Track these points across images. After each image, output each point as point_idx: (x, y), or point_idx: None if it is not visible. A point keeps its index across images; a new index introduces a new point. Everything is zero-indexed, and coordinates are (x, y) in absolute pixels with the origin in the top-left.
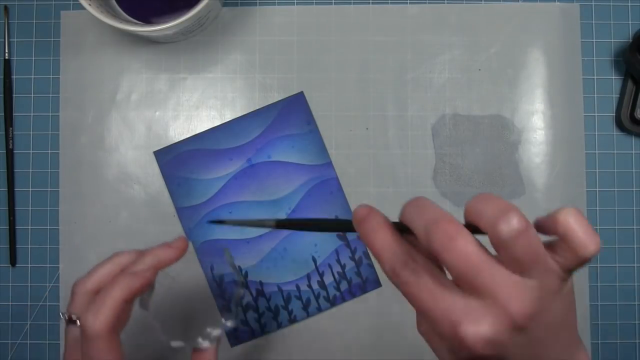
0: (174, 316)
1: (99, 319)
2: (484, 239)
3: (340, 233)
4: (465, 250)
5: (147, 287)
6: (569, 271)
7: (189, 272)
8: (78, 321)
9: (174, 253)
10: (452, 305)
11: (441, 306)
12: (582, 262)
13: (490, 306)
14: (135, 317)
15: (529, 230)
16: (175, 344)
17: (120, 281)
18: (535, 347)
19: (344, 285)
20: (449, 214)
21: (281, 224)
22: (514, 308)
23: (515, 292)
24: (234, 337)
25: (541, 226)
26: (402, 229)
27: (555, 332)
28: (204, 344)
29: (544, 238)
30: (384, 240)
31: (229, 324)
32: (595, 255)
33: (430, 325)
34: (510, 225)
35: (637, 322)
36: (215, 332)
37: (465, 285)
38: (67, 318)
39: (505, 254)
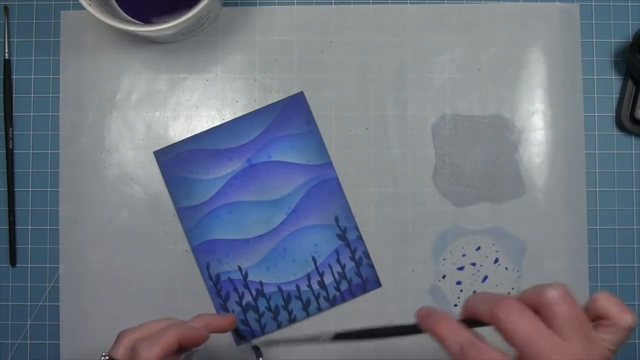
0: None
1: (154, 349)
2: None
3: (340, 232)
4: (524, 319)
5: (199, 343)
6: (613, 344)
7: (185, 271)
8: None
9: (224, 322)
10: None
11: None
12: (622, 333)
13: None
14: None
15: (568, 296)
16: None
17: (176, 326)
18: None
19: (344, 285)
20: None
21: (339, 337)
22: None
23: (566, 354)
24: (236, 336)
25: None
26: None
27: None
28: None
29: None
30: (450, 325)
31: None
32: (633, 325)
33: None
34: (553, 290)
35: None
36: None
37: (525, 356)
38: (107, 358)
39: (552, 320)
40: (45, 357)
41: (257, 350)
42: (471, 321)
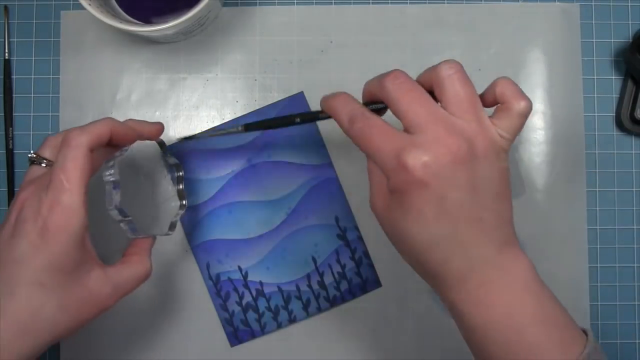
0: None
1: (85, 135)
2: None
3: (340, 232)
4: (412, 88)
5: (128, 141)
6: (506, 131)
7: (184, 271)
8: (44, 162)
9: (151, 127)
10: (399, 141)
11: (389, 143)
12: (516, 117)
13: (431, 141)
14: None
15: (462, 75)
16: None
17: (108, 119)
18: (472, 203)
19: (344, 285)
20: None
21: (249, 127)
22: (452, 145)
23: (453, 129)
24: (234, 337)
25: (484, 100)
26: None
27: (490, 205)
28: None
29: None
30: (343, 98)
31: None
32: (527, 113)
33: (377, 164)
34: (448, 68)
35: (637, 322)
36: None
37: (411, 126)
38: (34, 157)
39: (444, 96)
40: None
41: (162, 145)
42: (371, 103)
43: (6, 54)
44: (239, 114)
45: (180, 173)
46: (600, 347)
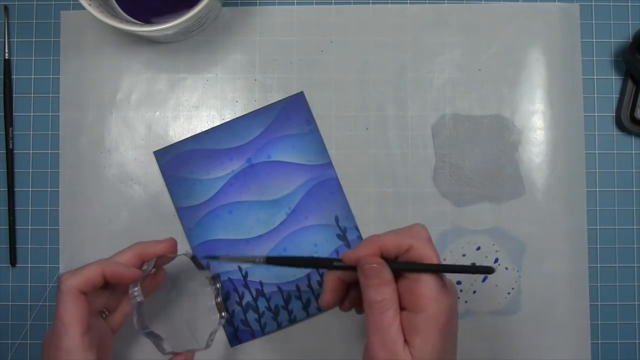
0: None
1: (75, 278)
2: None
3: (340, 232)
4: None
5: (127, 280)
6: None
7: (185, 272)
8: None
9: (159, 247)
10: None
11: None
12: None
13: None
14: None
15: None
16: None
17: (102, 261)
18: None
19: None
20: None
21: (271, 260)
22: None
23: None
24: (234, 337)
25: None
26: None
27: None
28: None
29: None
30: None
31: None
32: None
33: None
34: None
35: (637, 322)
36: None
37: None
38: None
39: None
40: None
41: (195, 260)
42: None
43: (6, 54)
44: (239, 114)
45: (218, 285)
46: None
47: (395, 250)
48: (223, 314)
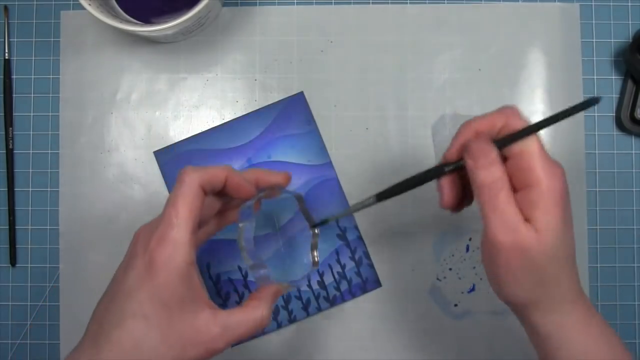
0: None
1: (198, 172)
2: None
3: (340, 232)
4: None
5: (244, 196)
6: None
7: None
8: None
9: (277, 177)
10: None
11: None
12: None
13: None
14: None
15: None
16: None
17: (229, 167)
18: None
19: (344, 285)
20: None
21: (382, 196)
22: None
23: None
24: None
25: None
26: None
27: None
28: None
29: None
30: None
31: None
32: None
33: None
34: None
35: (637, 322)
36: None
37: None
38: None
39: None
40: (45, 357)
41: (300, 199)
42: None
43: (6, 54)
44: (239, 114)
45: (317, 231)
46: None
47: (489, 131)
48: (315, 253)
